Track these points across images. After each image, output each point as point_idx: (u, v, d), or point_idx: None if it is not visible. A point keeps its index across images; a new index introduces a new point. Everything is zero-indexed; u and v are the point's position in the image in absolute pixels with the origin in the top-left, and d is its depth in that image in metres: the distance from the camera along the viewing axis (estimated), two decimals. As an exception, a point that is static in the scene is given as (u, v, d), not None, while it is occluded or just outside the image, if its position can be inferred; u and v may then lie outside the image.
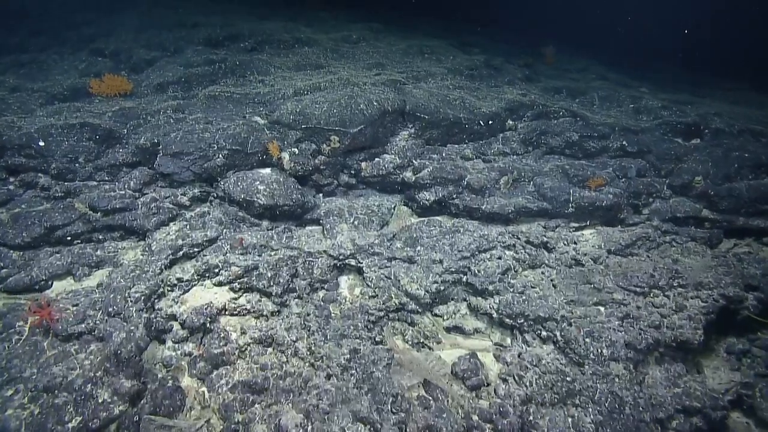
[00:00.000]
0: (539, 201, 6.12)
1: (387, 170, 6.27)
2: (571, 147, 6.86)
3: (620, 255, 5.81)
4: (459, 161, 6.60)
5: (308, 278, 5.48)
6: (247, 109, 6.49)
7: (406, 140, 6.50)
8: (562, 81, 9.68)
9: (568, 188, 6.10)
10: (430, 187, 6.22)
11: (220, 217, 5.82)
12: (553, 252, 5.89)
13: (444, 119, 6.46)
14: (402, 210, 6.54)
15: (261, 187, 5.61)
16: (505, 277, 5.53)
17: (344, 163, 6.27)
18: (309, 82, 6.85)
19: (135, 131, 5.95)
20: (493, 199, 6.18)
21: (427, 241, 5.87)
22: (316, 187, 6.21)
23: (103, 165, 5.67)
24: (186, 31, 9.45)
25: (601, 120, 6.93)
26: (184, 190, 5.90)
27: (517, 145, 6.93)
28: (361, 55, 8.89)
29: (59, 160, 5.53)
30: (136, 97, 7.17)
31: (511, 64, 9.90)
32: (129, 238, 5.71)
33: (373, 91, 6.39)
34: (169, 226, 5.74)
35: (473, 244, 5.71)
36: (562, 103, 8.02)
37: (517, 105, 7.21)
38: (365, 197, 6.50)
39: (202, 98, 6.51)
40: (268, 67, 7.82)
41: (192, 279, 5.29)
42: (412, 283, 5.43)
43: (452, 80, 8.04)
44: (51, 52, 8.94)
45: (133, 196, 5.66)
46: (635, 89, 9.27)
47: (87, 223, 5.40)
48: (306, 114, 5.89)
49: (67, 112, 6.26)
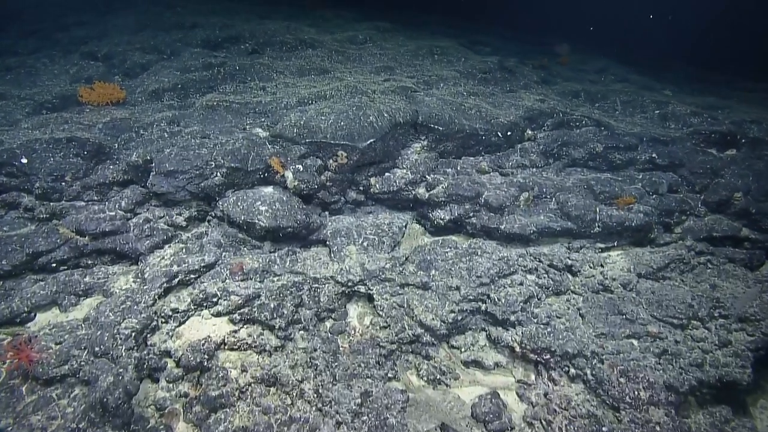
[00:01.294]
0: (563, 220, 5.66)
1: (398, 186, 5.81)
2: (594, 159, 6.38)
3: (652, 279, 5.35)
4: (475, 175, 6.14)
5: (314, 307, 5.05)
6: (248, 120, 6.03)
7: (418, 153, 6.04)
8: (580, 83, 9.17)
9: (594, 206, 5.64)
10: (444, 205, 5.77)
11: (219, 239, 5.38)
12: (579, 276, 5.44)
13: (459, 131, 5.98)
14: (414, 228, 6.09)
15: (262, 208, 5.17)
16: (528, 305, 5.08)
17: (352, 178, 5.81)
18: (314, 90, 6.38)
19: (126, 146, 5.50)
20: (513, 217, 5.72)
21: (442, 265, 5.43)
22: (321, 204, 5.76)
23: (92, 184, 5.23)
24: (183, 33, 8.98)
25: (628, 129, 6.44)
26: (180, 210, 5.46)
27: (536, 157, 6.45)
28: (368, 58, 8.39)
29: (44, 178, 5.09)
30: (129, 105, 6.72)
31: (525, 66, 9.39)
32: (120, 262, 5.28)
33: (383, 101, 5.92)
34: (163, 250, 5.30)
35: (492, 269, 5.26)
36: (582, 109, 7.53)
37: (537, 113, 6.72)
38: (374, 214, 6.05)
39: (199, 108, 6.05)
40: (270, 72, 7.35)
41: (188, 309, 4.87)
42: (426, 312, 4.99)
43: (465, 85, 7.55)
44: (41, 55, 8.49)
45: (124, 218, 5.23)
46: (658, 92, 8.75)
47: (74, 247, 4.97)
48: (311, 127, 5.43)
49: (54, 124, 5.81)
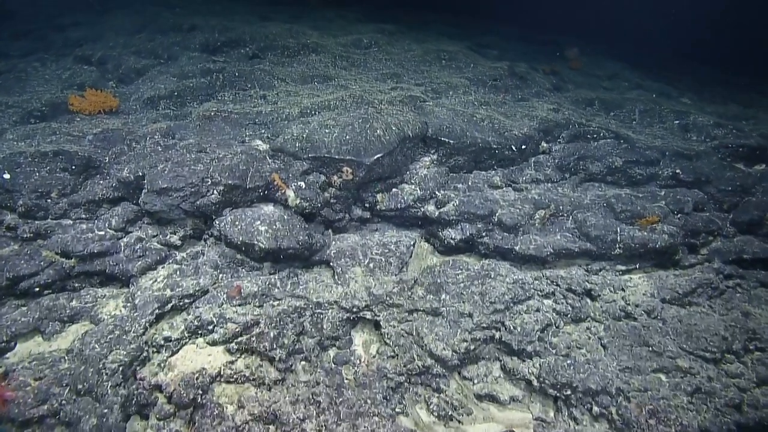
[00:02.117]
0: (581, 240, 5.31)
1: (406, 203, 5.47)
2: (613, 173, 6.04)
3: (677, 305, 5.01)
4: (487, 191, 5.80)
5: (317, 335, 4.72)
6: (247, 131, 5.69)
7: (427, 168, 5.70)
8: (593, 90, 8.82)
9: (614, 226, 5.29)
10: (455, 224, 5.43)
11: (216, 260, 5.05)
12: (598, 301, 5.10)
13: (471, 144, 5.64)
14: (423, 247, 5.75)
15: (262, 228, 4.83)
16: (545, 334, 4.75)
17: (357, 195, 5.47)
18: (317, 100, 6.03)
19: (117, 160, 5.17)
20: (528, 237, 5.37)
21: (453, 289, 5.09)
22: (325, 222, 5.42)
23: (80, 201, 4.89)
24: (181, 36, 8.63)
25: (648, 142, 6.09)
26: (174, 228, 5.13)
27: (551, 171, 6.10)
28: (374, 64, 8.04)
29: (28, 195, 4.75)
30: (123, 114, 6.38)
31: (536, 72, 9.03)
32: (110, 284, 4.95)
33: (391, 112, 5.57)
34: (156, 271, 4.97)
35: (507, 295, 4.92)
36: (598, 119, 7.18)
37: (552, 125, 6.37)
38: (381, 232, 5.71)
39: (196, 119, 5.71)
40: (271, 79, 7.00)
41: (182, 338, 4.54)
42: (437, 341, 4.66)
43: (476, 94, 7.20)
44: (33, 58, 8.15)
45: (114, 237, 4.90)
46: (676, 100, 8.40)
47: (59, 270, 4.64)
48: (314, 141, 5.09)
49: (41, 135, 5.48)
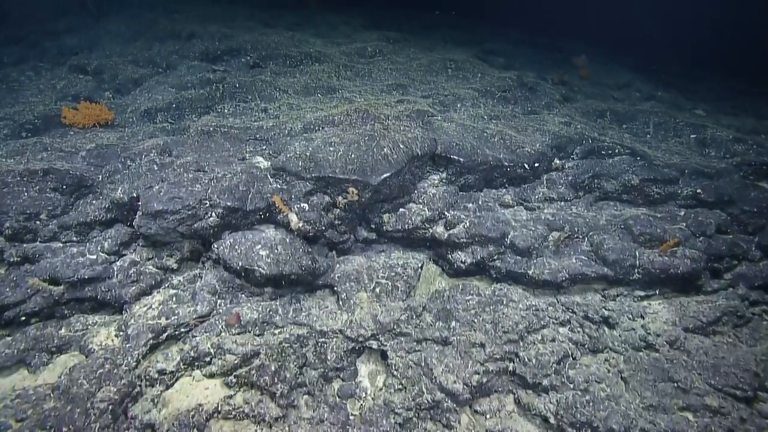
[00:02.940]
0: (598, 265, 5.06)
1: (414, 224, 5.21)
2: (629, 192, 5.78)
3: (701, 334, 4.75)
4: (499, 211, 5.55)
5: (321, 367, 4.46)
6: (248, 147, 5.44)
7: (436, 186, 5.44)
8: (604, 101, 8.57)
9: (633, 250, 5.04)
10: (466, 247, 5.17)
11: (214, 285, 4.79)
12: (617, 329, 4.84)
13: (482, 162, 5.39)
14: (431, 269, 5.49)
15: (263, 253, 4.57)
16: (562, 366, 4.49)
17: (363, 215, 5.22)
18: (320, 114, 5.78)
19: (111, 179, 4.91)
20: (542, 261, 5.12)
21: (464, 315, 4.84)
22: (329, 244, 5.17)
23: (71, 223, 4.64)
24: (180, 44, 8.39)
25: (666, 159, 5.84)
26: (171, 251, 4.87)
27: (565, 189, 5.85)
28: (379, 74, 7.80)
29: (15, 217, 4.50)
30: (119, 127, 6.14)
31: (545, 82, 8.79)
32: (101, 310, 4.70)
33: (398, 129, 5.32)
34: (151, 296, 4.72)
35: (521, 324, 4.66)
36: (612, 133, 6.93)
37: (565, 140, 6.12)
38: (387, 253, 5.46)
39: (194, 134, 5.46)
40: (273, 90, 6.75)
41: (177, 370, 4.28)
42: (447, 373, 4.40)
43: (485, 106, 6.95)
44: (26, 66, 7.90)
45: (107, 261, 4.64)
46: (690, 112, 8.16)
47: (48, 297, 4.38)
48: (318, 160, 4.83)
49: (32, 151, 5.22)
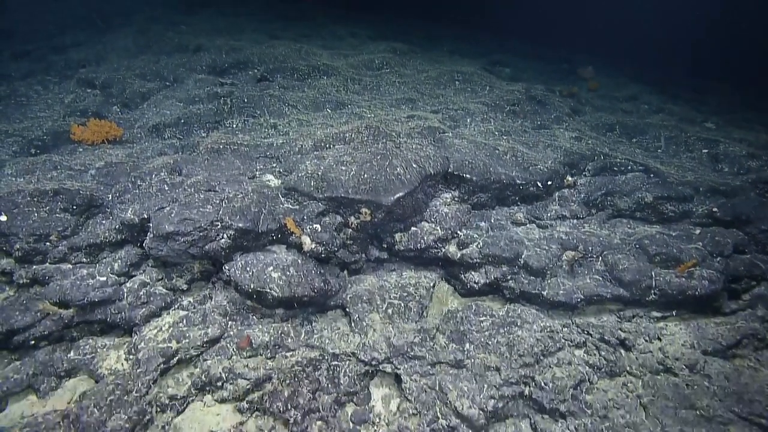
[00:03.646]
0: (613, 286, 4.98)
1: (426, 243, 5.15)
2: (642, 209, 5.71)
3: (721, 357, 4.66)
4: (511, 229, 5.48)
5: (334, 391, 4.38)
6: (258, 165, 5.40)
7: (448, 205, 5.38)
8: (613, 114, 8.53)
9: (649, 270, 4.96)
10: (479, 267, 5.10)
11: (225, 306, 4.73)
12: (633, 351, 4.75)
13: (495, 181, 5.33)
14: (442, 288, 5.42)
15: (275, 275, 4.51)
16: (579, 391, 4.40)
17: (375, 234, 5.16)
18: (331, 131, 5.74)
19: (121, 198, 4.86)
20: (556, 281, 5.05)
21: (478, 337, 4.77)
22: (340, 264, 5.10)
23: (81, 244, 4.58)
24: (187, 57, 8.37)
25: (680, 176, 5.78)
26: (181, 271, 4.82)
27: (577, 207, 5.79)
28: (387, 87, 7.77)
29: (25, 239, 4.45)
30: (127, 143, 6.10)
31: (553, 94, 8.75)
32: (111, 332, 4.64)
33: (410, 147, 5.27)
34: (161, 318, 4.66)
35: (537, 347, 4.58)
36: (623, 147, 6.88)
37: (577, 157, 6.07)
38: (398, 272, 5.39)
39: (204, 152, 5.42)
40: (281, 105, 6.72)
41: (188, 395, 4.22)
42: (462, 398, 4.32)
43: (495, 121, 6.91)
44: (34, 80, 7.89)
45: (117, 282, 4.59)
46: (700, 126, 8.10)
47: (57, 320, 4.32)
48: (330, 180, 4.78)
49: (41, 170, 5.19)
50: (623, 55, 16.21)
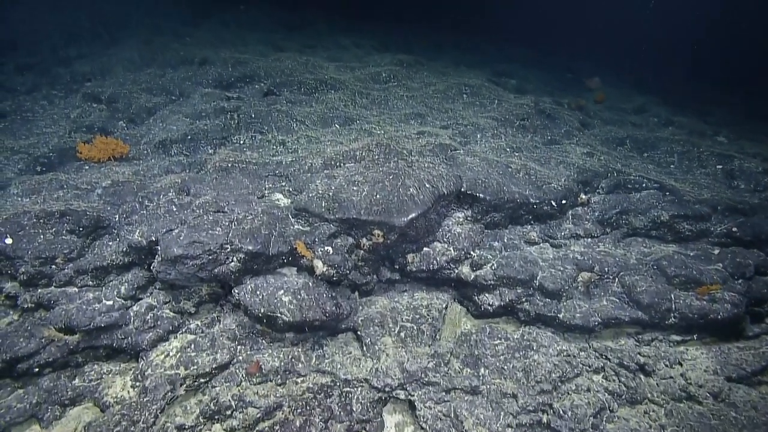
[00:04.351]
0: (631, 308, 4.86)
1: (438, 264, 5.04)
2: (658, 228, 5.60)
3: (746, 385, 4.53)
4: (525, 248, 5.37)
5: (346, 420, 4.25)
6: (267, 183, 5.30)
7: (461, 224, 5.27)
8: (622, 128, 8.44)
9: (668, 293, 4.84)
10: (494, 289, 4.99)
11: (234, 330, 4.61)
12: (653, 377, 4.63)
13: (509, 200, 5.23)
14: (455, 309, 5.30)
15: (285, 299, 4.39)
16: (599, 419, 4.27)
17: (386, 255, 5.05)
18: (341, 148, 5.65)
19: (128, 220, 4.76)
20: (572, 304, 4.93)
21: (493, 362, 4.64)
22: (351, 285, 4.99)
23: (87, 267, 4.48)
24: (193, 70, 8.31)
25: (696, 194, 5.67)
26: (189, 294, 4.70)
27: (591, 225, 5.68)
28: (395, 102, 7.69)
29: (31, 262, 4.34)
30: (134, 160, 6.01)
31: (561, 107, 8.67)
32: (117, 357, 4.52)
33: (422, 166, 5.18)
34: (168, 343, 4.54)
35: (554, 372, 4.46)
36: (635, 163, 6.78)
37: (590, 174, 5.97)
38: (410, 293, 5.28)
39: (212, 171, 5.33)
40: (289, 121, 6.63)
41: (197, 424, 4.09)
42: (478, 426, 4.20)
43: (505, 137, 6.82)
44: (39, 95, 7.83)
45: (123, 306, 4.47)
46: (712, 139, 8.01)
47: (62, 346, 4.21)
48: (341, 200, 4.68)
49: (48, 190, 5.09)
50: (623, 56, 16.17)
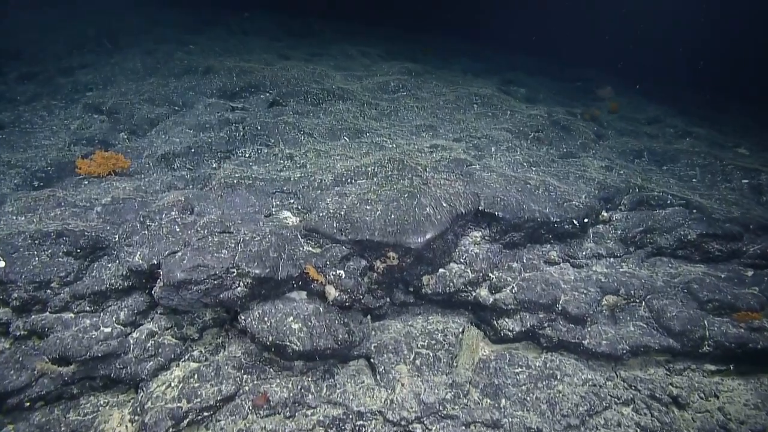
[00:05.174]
0: (661, 335, 4.58)
1: (455, 287, 4.78)
2: (684, 248, 5.33)
3: (785, 420, 4.24)
4: (544, 268, 5.10)
5: (359, 458, 3.97)
6: (274, 200, 5.05)
7: (478, 244, 5.01)
8: (638, 139, 8.19)
9: (701, 319, 4.56)
10: (514, 314, 4.72)
11: (239, 358, 4.35)
12: (688, 410, 4.33)
13: (529, 219, 4.96)
14: (472, 334, 5.02)
15: (295, 326, 4.13)
16: (632, 458, 3.98)
17: (401, 277, 4.78)
18: (351, 164, 5.40)
19: (129, 240, 4.50)
20: (597, 330, 4.65)
21: (514, 392, 4.36)
22: (364, 310, 4.72)
23: (84, 291, 4.21)
24: (197, 80, 8.10)
25: (726, 212, 5.40)
26: (192, 319, 4.45)
27: (614, 245, 5.41)
28: (405, 113, 7.45)
29: (24, 286, 4.08)
30: (135, 174, 5.77)
31: (575, 117, 8.43)
32: (115, 387, 4.25)
33: (439, 183, 4.92)
34: (170, 372, 4.27)
35: (581, 405, 4.18)
36: (655, 177, 6.52)
37: (612, 191, 5.71)
38: (424, 316, 5.01)
39: (217, 188, 5.08)
40: (297, 133, 6.39)
41: (199, 463, 3.81)
42: (502, 465, 3.90)
43: (521, 150, 6.57)
44: (39, 105, 7.61)
45: (122, 333, 4.21)
46: (732, 151, 7.76)
47: (56, 378, 3.95)
48: (354, 220, 4.42)
49: (44, 208, 4.84)
50: (626, 60, 15.96)
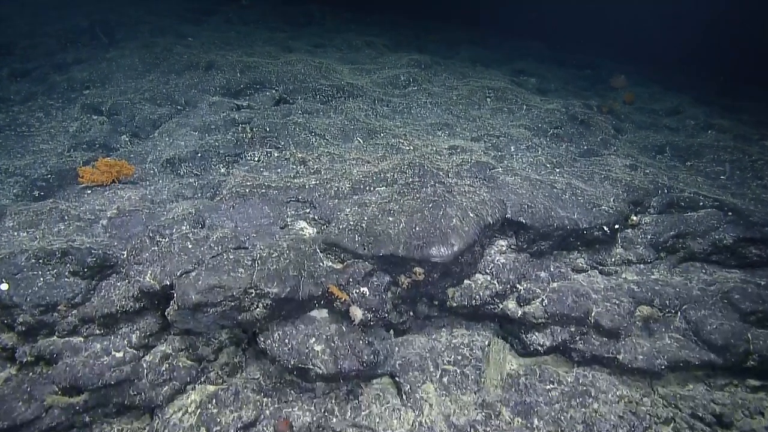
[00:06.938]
0: (701, 349, 4.37)
1: (482, 299, 4.55)
2: (720, 252, 5.10)
3: (832, 438, 4.06)
4: (573, 278, 4.88)
5: (388, 485, 3.79)
6: (289, 210, 4.78)
7: (504, 254, 4.77)
8: (659, 133, 7.90)
9: (744, 332, 4.35)
10: (544, 327, 4.50)
11: (259, 381, 4.14)
12: (733, 430, 4.15)
13: (558, 227, 4.71)
14: (498, 346, 4.82)
15: (318, 348, 3.91)
16: (674, 481, 3.81)
17: (425, 290, 4.55)
18: (369, 169, 5.12)
19: (138, 258, 4.24)
20: (632, 343, 4.44)
21: (547, 411, 4.17)
22: (387, 325, 4.50)
23: (93, 314, 3.97)
24: (199, 76, 7.74)
25: (764, 215, 5.15)
26: (208, 339, 4.22)
27: (644, 250, 5.17)
28: (419, 110, 7.14)
29: (30, 310, 3.84)
30: (140, 181, 5.49)
31: (592, 111, 8.10)
32: (128, 413, 4.05)
33: (463, 190, 4.66)
34: (187, 396, 4.07)
35: (621, 427, 3.98)
36: (682, 176, 6.26)
37: (641, 193, 5.45)
38: (448, 329, 4.80)
39: (228, 198, 4.80)
40: (308, 135, 6.09)
41: (221, 495, 3.62)
42: (538, 491, 3.73)
43: (542, 149, 6.28)
44: (35, 105, 7.27)
45: (135, 357, 3.99)
46: (758, 144, 7.47)
47: (67, 408, 3.73)
48: (376, 234, 4.16)
49: (47, 222, 4.57)
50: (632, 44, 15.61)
